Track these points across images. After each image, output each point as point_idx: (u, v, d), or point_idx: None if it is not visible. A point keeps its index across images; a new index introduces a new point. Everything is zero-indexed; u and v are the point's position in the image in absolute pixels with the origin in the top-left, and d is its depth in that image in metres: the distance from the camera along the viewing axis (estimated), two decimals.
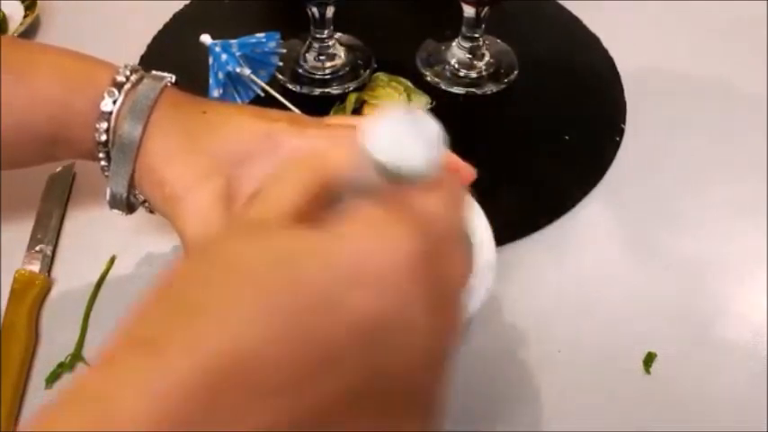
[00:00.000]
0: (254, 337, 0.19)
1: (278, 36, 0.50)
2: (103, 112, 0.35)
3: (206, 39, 0.48)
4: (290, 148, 0.34)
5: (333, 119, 0.38)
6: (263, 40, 0.49)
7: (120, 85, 0.35)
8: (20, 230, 0.44)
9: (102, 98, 0.35)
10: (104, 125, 0.35)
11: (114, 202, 0.36)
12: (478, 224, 0.34)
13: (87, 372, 0.21)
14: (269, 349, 0.19)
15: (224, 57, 0.47)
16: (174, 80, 0.37)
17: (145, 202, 0.37)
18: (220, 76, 0.47)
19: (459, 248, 0.24)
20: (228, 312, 0.20)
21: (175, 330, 0.20)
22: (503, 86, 0.55)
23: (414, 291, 0.21)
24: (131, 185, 0.35)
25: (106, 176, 0.36)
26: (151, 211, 0.38)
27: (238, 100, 0.49)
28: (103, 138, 0.35)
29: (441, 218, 0.23)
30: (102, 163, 0.36)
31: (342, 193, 0.24)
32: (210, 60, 0.48)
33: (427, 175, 0.23)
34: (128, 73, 0.35)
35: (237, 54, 0.48)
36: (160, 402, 0.19)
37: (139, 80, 0.36)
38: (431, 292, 0.22)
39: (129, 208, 0.37)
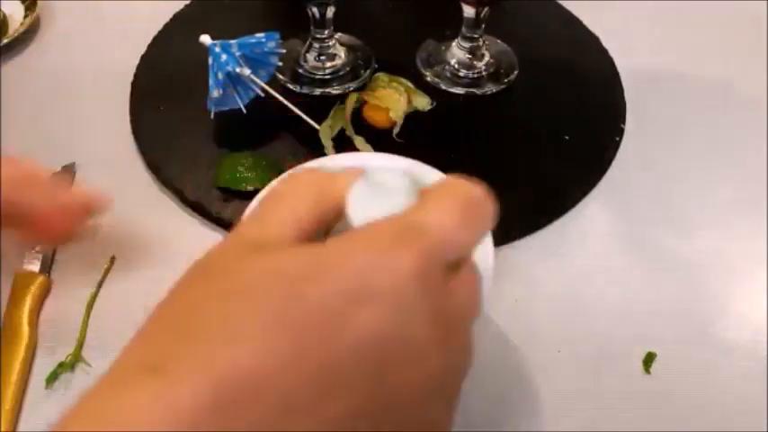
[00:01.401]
0: (258, 358, 0.19)
1: (277, 36, 0.50)
2: None
3: (205, 39, 0.48)
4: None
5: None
6: (263, 40, 0.49)
7: None
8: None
9: None
10: None
11: None
12: None
13: (92, 394, 0.20)
14: (275, 370, 0.19)
15: (224, 57, 0.47)
16: None
17: None
18: (220, 76, 0.47)
19: (466, 270, 0.24)
20: (232, 334, 0.20)
21: (180, 354, 0.20)
22: (503, 86, 0.55)
23: (417, 307, 0.21)
24: None
25: None
26: None
27: (238, 100, 0.49)
28: None
29: (442, 236, 0.22)
30: None
31: (335, 220, 0.25)
32: (210, 60, 0.48)
33: None
34: None
35: (237, 54, 0.48)
36: (170, 424, 0.18)
37: None
38: (436, 310, 0.21)
39: None
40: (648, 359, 0.39)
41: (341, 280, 0.20)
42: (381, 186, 0.24)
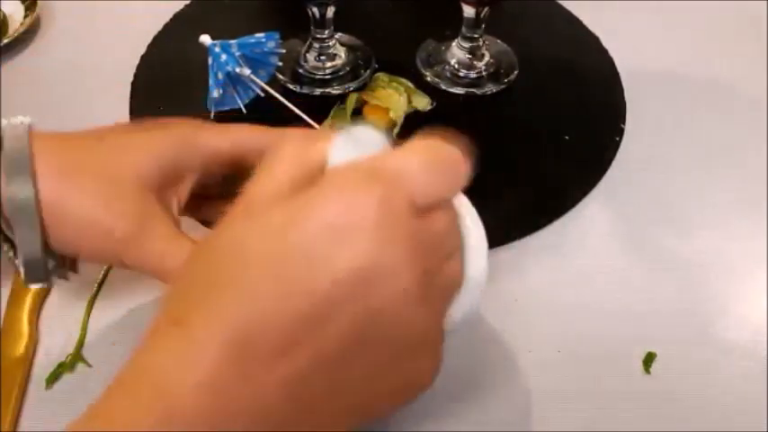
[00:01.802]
0: (259, 305, 0.23)
1: (277, 36, 0.50)
2: None
3: (205, 39, 0.48)
4: (206, 147, 0.35)
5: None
6: (263, 40, 0.49)
7: None
8: None
9: None
10: None
11: (32, 272, 0.32)
12: (474, 234, 0.31)
13: (134, 354, 0.24)
14: (273, 312, 0.23)
15: (223, 57, 0.47)
16: (31, 123, 0.33)
17: (56, 268, 0.33)
18: (220, 76, 0.47)
19: (440, 209, 0.26)
20: (237, 288, 0.23)
21: (198, 308, 0.24)
22: (503, 86, 0.55)
23: (383, 235, 0.24)
24: (48, 249, 0.32)
25: (9, 255, 0.32)
26: (66, 278, 0.34)
27: (238, 100, 0.49)
28: None
29: (405, 177, 0.25)
30: None
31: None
32: (210, 61, 0.48)
33: None
34: None
35: (237, 54, 0.48)
36: (198, 369, 0.22)
37: None
38: (405, 236, 0.24)
39: (48, 276, 0.33)
40: (648, 359, 0.39)
41: (316, 222, 0.24)
42: (359, 140, 0.27)
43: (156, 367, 0.23)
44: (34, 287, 0.34)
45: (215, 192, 0.38)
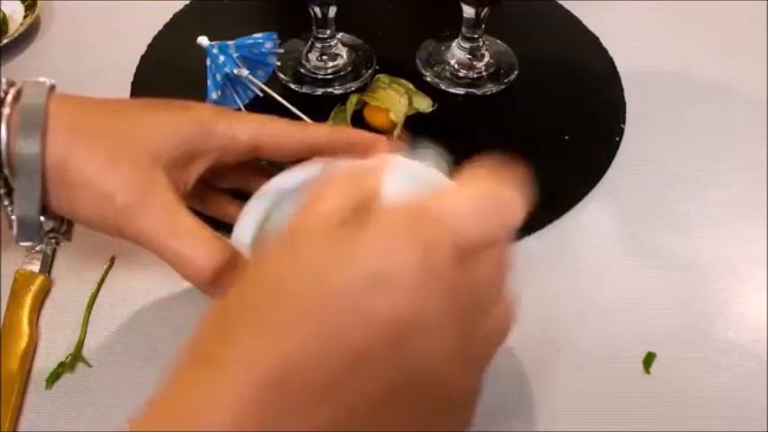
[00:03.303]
0: (295, 349, 0.22)
1: (275, 36, 0.50)
2: None
3: (203, 40, 0.48)
4: (224, 135, 0.34)
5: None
6: (260, 40, 0.49)
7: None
8: None
9: None
10: None
11: (25, 231, 0.32)
12: None
13: (157, 391, 0.23)
14: (309, 358, 0.22)
15: (221, 58, 0.47)
16: (53, 84, 0.33)
17: (50, 231, 0.34)
18: (218, 77, 0.47)
19: (488, 252, 0.25)
20: (273, 329, 0.23)
21: (231, 347, 0.23)
22: (503, 87, 0.55)
23: (427, 289, 0.23)
24: (45, 208, 0.32)
25: (6, 207, 0.32)
26: (58, 243, 0.34)
27: (238, 101, 0.49)
28: None
29: (453, 225, 0.24)
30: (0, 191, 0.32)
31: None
32: (208, 62, 0.48)
33: None
34: (4, 87, 0.32)
35: (235, 55, 0.48)
36: (225, 411, 0.21)
37: (19, 92, 0.32)
38: (448, 288, 0.23)
39: (40, 237, 0.33)
40: (648, 359, 0.39)
41: (358, 268, 0.23)
42: (418, 168, 0.27)
43: (181, 407, 0.22)
44: (24, 244, 0.33)
45: (224, 181, 0.38)
